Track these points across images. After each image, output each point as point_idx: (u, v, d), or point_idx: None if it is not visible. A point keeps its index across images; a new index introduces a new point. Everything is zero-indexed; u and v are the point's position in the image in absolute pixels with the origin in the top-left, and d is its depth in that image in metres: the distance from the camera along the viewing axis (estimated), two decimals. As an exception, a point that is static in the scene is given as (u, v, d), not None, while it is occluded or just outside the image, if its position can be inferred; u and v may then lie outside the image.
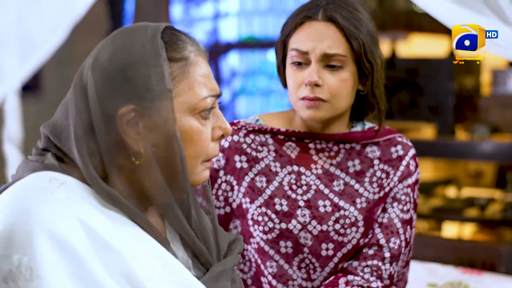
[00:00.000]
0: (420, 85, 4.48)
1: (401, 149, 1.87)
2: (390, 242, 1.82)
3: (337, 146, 1.86)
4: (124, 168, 1.26)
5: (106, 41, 1.29)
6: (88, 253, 1.16)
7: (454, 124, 4.43)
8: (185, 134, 1.27)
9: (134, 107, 1.23)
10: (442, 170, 4.97)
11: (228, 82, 5.79)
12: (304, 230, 1.81)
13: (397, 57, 4.76)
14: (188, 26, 5.35)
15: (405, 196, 1.86)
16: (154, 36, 1.26)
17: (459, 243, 3.05)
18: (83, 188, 1.24)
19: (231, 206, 1.86)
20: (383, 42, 5.05)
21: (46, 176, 1.24)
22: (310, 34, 1.77)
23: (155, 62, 1.24)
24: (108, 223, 1.21)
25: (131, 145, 1.24)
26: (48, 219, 1.15)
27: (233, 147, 1.86)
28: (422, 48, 5.14)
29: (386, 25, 4.81)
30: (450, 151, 4.40)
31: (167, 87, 1.24)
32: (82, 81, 1.26)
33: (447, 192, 4.73)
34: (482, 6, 2.01)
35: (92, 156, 1.24)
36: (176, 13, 5.25)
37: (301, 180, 1.84)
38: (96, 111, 1.23)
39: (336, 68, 1.76)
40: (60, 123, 1.28)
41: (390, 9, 4.96)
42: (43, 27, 1.87)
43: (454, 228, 4.60)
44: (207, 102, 1.30)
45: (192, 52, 1.30)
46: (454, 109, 4.42)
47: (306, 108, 1.78)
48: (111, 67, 1.24)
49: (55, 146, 1.29)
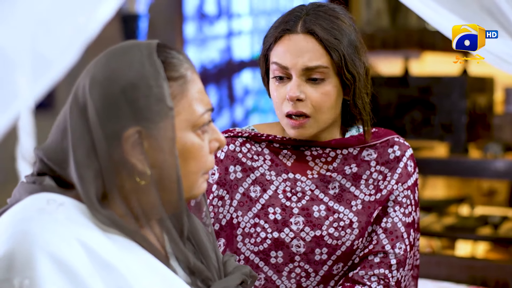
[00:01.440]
0: (433, 103, 4.46)
1: (398, 150, 1.84)
2: (395, 248, 1.80)
3: (334, 152, 1.84)
4: (124, 188, 1.26)
5: (99, 61, 1.28)
6: (89, 274, 1.16)
7: (467, 142, 4.41)
8: (188, 151, 1.28)
9: (139, 129, 1.23)
10: (455, 189, 4.95)
11: (241, 100, 5.79)
12: (297, 237, 1.79)
13: (410, 75, 4.74)
14: (201, 45, 5.36)
15: (405, 198, 1.83)
16: (151, 55, 1.26)
17: (472, 262, 3.03)
18: (82, 209, 1.24)
19: (220, 223, 1.83)
20: (396, 60, 5.05)
21: (44, 197, 1.23)
22: (290, 48, 1.74)
23: (156, 82, 1.24)
24: (108, 242, 1.21)
25: (136, 165, 1.24)
26: (48, 241, 1.15)
27: (229, 156, 1.84)
28: (435, 66, 5.13)
29: (399, 43, 4.82)
30: (463, 170, 4.37)
31: (169, 107, 1.24)
32: (79, 103, 1.25)
33: (460, 211, 4.70)
34: (485, 16, 1.99)
35: (93, 178, 1.23)
36: (190, 31, 5.26)
37: (296, 187, 1.82)
38: (98, 134, 1.22)
39: (318, 81, 1.73)
40: (55, 146, 1.28)
41: (403, 27, 4.96)
42: (56, 47, 1.88)
43: (467, 246, 4.57)
44: (205, 117, 1.31)
45: (188, 69, 1.30)
46: (467, 127, 4.41)
47: (291, 127, 1.77)
48: (111, 89, 1.23)
49: (50, 169, 1.28)
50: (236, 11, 5.51)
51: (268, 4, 5.54)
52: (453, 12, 2.03)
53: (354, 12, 5.38)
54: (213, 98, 5.34)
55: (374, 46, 5.02)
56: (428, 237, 4.40)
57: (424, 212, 4.52)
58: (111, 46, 1.31)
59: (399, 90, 4.61)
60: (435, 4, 2.05)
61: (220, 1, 5.45)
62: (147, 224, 1.30)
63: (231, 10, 5.53)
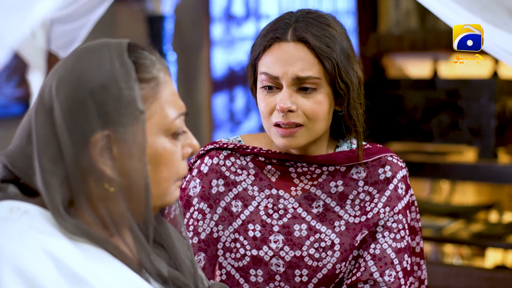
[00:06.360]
0: (461, 107, 4.41)
1: (389, 170, 1.74)
2: (384, 275, 1.71)
3: (320, 169, 1.75)
4: (92, 195, 1.20)
5: (67, 61, 1.22)
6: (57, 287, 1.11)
7: (496, 147, 4.36)
8: (159, 156, 1.23)
9: (108, 133, 1.17)
10: (484, 195, 4.88)
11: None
12: (276, 256, 1.71)
13: (438, 77, 4.67)
14: (229, 46, 5.32)
15: (396, 223, 1.73)
16: (121, 55, 1.20)
17: (492, 274, 2.95)
18: (48, 217, 1.18)
19: (199, 236, 1.75)
20: (425, 62, 4.97)
21: (8, 205, 1.18)
22: (280, 57, 1.64)
23: (126, 84, 1.18)
24: (76, 252, 1.16)
25: (104, 171, 1.18)
26: (13, 253, 1.10)
27: (213, 170, 1.76)
28: (464, 68, 5.05)
29: (428, 45, 4.77)
30: (492, 175, 4.31)
31: (140, 110, 1.19)
32: (45, 104, 1.19)
33: (489, 217, 4.63)
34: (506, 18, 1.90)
35: (59, 185, 1.18)
36: (217, 33, 5.22)
37: (278, 204, 1.74)
38: (65, 137, 1.17)
39: (310, 90, 1.65)
40: (19, 151, 1.22)
41: (432, 29, 4.90)
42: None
43: (497, 255, 4.48)
44: (178, 121, 1.25)
45: (160, 70, 1.25)
46: (496, 131, 4.35)
47: (280, 136, 1.67)
48: (78, 90, 1.17)
49: (15, 177, 1.23)
50: (264, 12, 5.46)
51: (297, 5, 5.47)
52: (474, 13, 1.96)
53: (382, 13, 5.30)
54: (241, 100, 5.29)
55: (402, 47, 4.96)
56: (456, 245, 4.34)
57: (451, 219, 4.46)
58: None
59: (426, 93, 4.56)
60: (455, 5, 1.99)
61: (248, 2, 5.40)
62: (117, 232, 1.24)
63: (259, 11, 5.48)
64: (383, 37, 5.12)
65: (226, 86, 5.22)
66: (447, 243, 4.39)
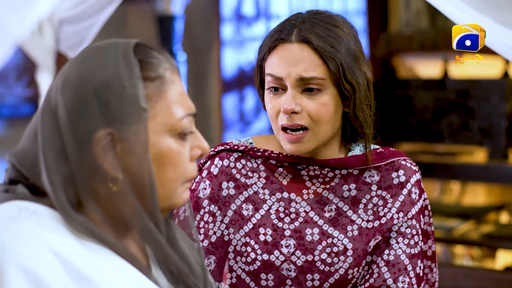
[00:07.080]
0: (472, 107, 4.38)
1: (403, 175, 1.73)
2: (398, 282, 1.69)
3: (332, 172, 1.73)
4: (99, 195, 1.20)
5: (74, 61, 1.22)
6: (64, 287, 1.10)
7: (506, 147, 4.34)
8: (164, 156, 1.21)
9: (110, 131, 1.17)
10: (494, 195, 4.85)
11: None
12: (288, 261, 1.69)
13: (449, 77, 4.65)
14: (239, 46, 5.31)
15: (410, 229, 1.72)
16: (126, 54, 1.20)
17: (501, 275, 2.93)
18: (56, 217, 1.18)
19: (210, 239, 1.74)
20: (435, 62, 4.95)
21: (16, 206, 1.18)
22: (284, 58, 1.63)
23: (130, 82, 1.18)
24: (84, 252, 1.15)
25: (108, 170, 1.18)
26: (20, 253, 1.10)
27: (223, 172, 1.75)
28: (475, 68, 5.03)
29: (438, 46, 4.74)
30: (503, 176, 4.31)
31: (143, 108, 1.18)
32: (51, 104, 1.19)
33: (500, 218, 4.60)
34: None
35: (64, 184, 1.17)
36: (227, 33, 5.21)
37: (290, 208, 1.73)
38: (69, 136, 1.16)
39: (315, 91, 1.64)
40: (27, 151, 1.22)
41: (442, 29, 4.87)
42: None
43: (508, 256, 4.46)
44: (185, 121, 1.23)
45: (167, 70, 1.24)
46: (506, 132, 4.32)
47: (288, 142, 1.66)
48: (83, 89, 1.17)
49: (24, 177, 1.23)
50: (274, 12, 5.45)
51: (308, 5, 5.46)
52: (483, 13, 1.95)
53: (392, 13, 5.28)
54: (251, 101, 5.28)
55: (412, 47, 4.94)
56: (467, 246, 4.32)
57: (461, 220, 4.44)
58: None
59: (436, 93, 4.54)
60: (464, 4, 1.99)
61: (258, 2, 5.39)
62: (127, 233, 1.24)
63: (269, 11, 5.47)
64: (393, 37, 5.10)
65: (236, 86, 5.21)
66: (457, 244, 4.37)
